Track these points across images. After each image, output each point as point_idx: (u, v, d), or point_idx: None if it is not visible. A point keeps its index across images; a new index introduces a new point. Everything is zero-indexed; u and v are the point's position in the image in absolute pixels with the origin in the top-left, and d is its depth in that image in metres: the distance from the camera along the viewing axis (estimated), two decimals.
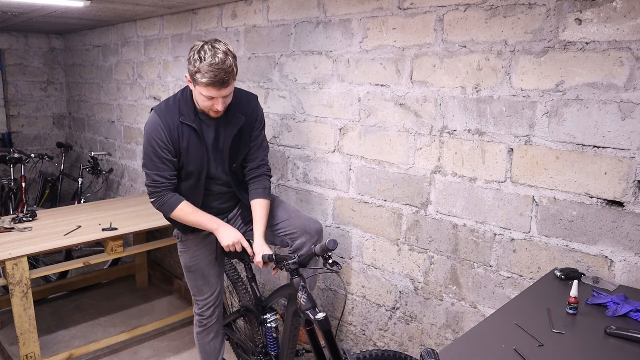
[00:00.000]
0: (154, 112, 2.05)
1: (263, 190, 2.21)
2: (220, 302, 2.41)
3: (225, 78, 1.88)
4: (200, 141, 2.06)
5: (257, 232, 2.14)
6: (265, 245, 2.10)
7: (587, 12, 1.63)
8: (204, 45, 1.88)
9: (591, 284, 1.64)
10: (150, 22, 3.82)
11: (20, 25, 4.54)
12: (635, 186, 1.60)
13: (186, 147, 2.04)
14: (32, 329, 2.55)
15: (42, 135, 5.49)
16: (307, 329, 1.90)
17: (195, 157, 2.07)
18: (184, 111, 2.03)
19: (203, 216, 2.10)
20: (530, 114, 1.81)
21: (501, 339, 1.31)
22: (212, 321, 2.40)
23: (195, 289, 2.34)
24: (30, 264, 2.56)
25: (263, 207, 2.18)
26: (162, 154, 2.01)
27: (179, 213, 2.08)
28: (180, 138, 2.02)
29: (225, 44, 1.93)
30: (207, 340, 2.44)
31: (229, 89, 1.94)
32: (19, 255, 2.48)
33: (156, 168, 2.03)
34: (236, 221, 2.34)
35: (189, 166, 2.08)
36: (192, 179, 2.12)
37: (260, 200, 2.19)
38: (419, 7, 2.09)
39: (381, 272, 2.45)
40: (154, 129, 2.01)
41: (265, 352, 2.40)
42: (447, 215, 2.13)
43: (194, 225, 2.12)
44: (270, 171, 2.29)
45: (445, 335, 2.22)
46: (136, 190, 4.36)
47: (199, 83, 1.89)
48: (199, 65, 1.86)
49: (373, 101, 2.33)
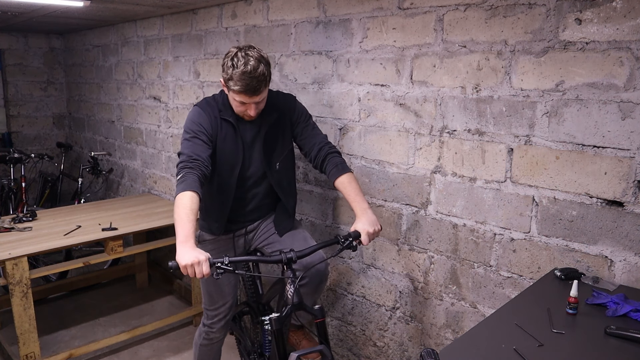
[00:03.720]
0: (196, 105, 2.09)
1: (336, 168, 2.09)
2: (230, 316, 2.34)
3: (257, 86, 1.89)
4: (236, 136, 2.06)
5: (358, 208, 1.99)
6: (369, 222, 1.93)
7: (587, 12, 1.63)
8: (237, 52, 1.89)
9: (591, 284, 1.64)
10: (150, 22, 3.82)
11: (20, 25, 4.54)
12: (635, 186, 1.60)
13: (223, 139, 2.05)
14: (32, 329, 2.55)
15: (42, 135, 5.49)
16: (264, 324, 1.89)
17: (231, 151, 2.07)
18: (222, 108, 2.07)
19: (186, 219, 1.76)
20: (530, 114, 1.81)
21: (501, 339, 1.31)
22: (218, 338, 2.36)
23: (207, 297, 2.28)
24: (30, 264, 2.56)
25: (348, 182, 2.05)
26: (201, 136, 1.99)
27: (178, 198, 1.83)
28: (219, 130, 2.04)
29: (259, 51, 1.92)
30: (209, 354, 2.41)
31: (261, 95, 1.95)
32: (19, 255, 2.48)
33: (194, 147, 1.96)
34: (264, 229, 2.27)
35: (223, 159, 2.07)
36: (225, 174, 2.09)
37: (340, 177, 2.06)
38: (419, 7, 2.09)
39: (381, 272, 2.45)
40: (197, 115, 2.03)
41: (261, 352, 2.39)
42: (447, 215, 2.13)
43: (174, 220, 1.81)
44: (334, 148, 2.17)
45: (445, 335, 2.22)
46: (136, 190, 4.36)
47: (231, 90, 1.93)
48: (231, 73, 1.87)
49: (373, 101, 2.33)
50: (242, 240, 2.28)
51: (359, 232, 1.91)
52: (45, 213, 3.27)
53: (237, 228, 2.25)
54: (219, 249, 2.23)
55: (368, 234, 1.91)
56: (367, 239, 1.91)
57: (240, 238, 2.27)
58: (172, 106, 3.72)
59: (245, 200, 2.19)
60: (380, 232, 1.97)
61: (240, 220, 2.23)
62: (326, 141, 2.19)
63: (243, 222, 2.25)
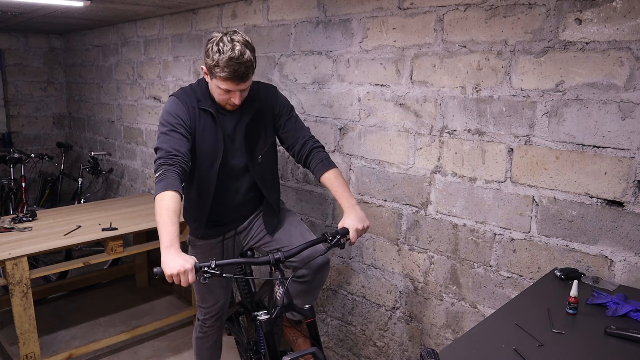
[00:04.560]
0: (172, 96, 2.00)
1: (322, 163, 2.03)
2: (223, 314, 2.33)
3: (245, 72, 1.81)
4: (216, 126, 1.98)
5: (345, 204, 1.94)
6: (357, 219, 1.89)
7: (587, 12, 1.63)
8: (222, 37, 1.81)
9: (591, 284, 1.64)
10: (150, 22, 3.82)
11: (20, 25, 4.54)
12: (635, 186, 1.60)
13: (202, 130, 1.96)
14: (32, 329, 2.55)
15: (42, 135, 5.49)
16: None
17: (210, 142, 1.98)
18: (200, 97, 1.98)
19: (169, 222, 1.69)
20: (530, 114, 1.81)
21: (501, 339, 1.31)
22: (212, 331, 2.35)
23: (199, 296, 2.28)
24: (30, 264, 2.56)
25: (335, 178, 2.00)
26: (179, 129, 1.89)
27: (159, 198, 1.73)
28: (197, 120, 1.96)
29: (243, 35, 1.84)
30: (205, 347, 2.41)
31: (247, 83, 1.88)
32: (19, 255, 2.48)
33: (172, 141, 1.86)
34: (257, 229, 2.22)
35: (203, 152, 1.98)
36: (204, 167, 2.00)
37: (326, 173, 2.01)
38: (419, 7, 2.09)
39: (381, 272, 2.45)
40: (174, 105, 1.94)
41: (256, 349, 2.39)
42: (447, 215, 2.13)
43: (157, 223, 1.72)
44: (318, 142, 2.12)
45: (445, 335, 2.22)
46: (136, 190, 4.36)
47: (217, 77, 1.83)
48: (217, 59, 1.78)
49: (373, 101, 2.33)
50: (231, 242, 2.22)
51: (347, 228, 1.87)
52: (45, 213, 3.27)
53: (226, 230, 2.19)
54: (208, 252, 2.18)
55: (357, 230, 1.87)
56: (355, 236, 1.87)
57: (229, 240, 2.21)
58: None
59: (227, 195, 2.10)
60: (368, 228, 1.93)
61: (228, 220, 2.17)
62: (310, 135, 2.12)
63: (232, 223, 2.19)
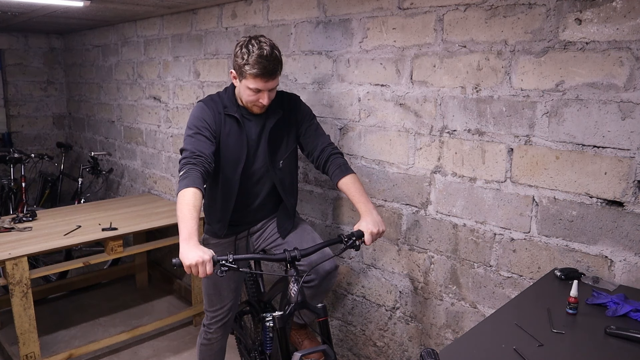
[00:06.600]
0: (200, 102, 2.09)
1: (340, 169, 2.09)
2: (229, 320, 2.32)
3: (273, 69, 1.91)
4: (241, 132, 2.06)
5: (362, 208, 1.98)
6: (373, 222, 1.92)
7: (587, 12, 1.63)
8: (250, 39, 1.92)
9: (591, 284, 1.64)
10: (150, 22, 3.82)
11: (20, 25, 4.54)
12: (635, 186, 1.60)
13: (227, 134, 2.04)
14: (32, 329, 2.55)
15: (42, 135, 5.49)
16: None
17: (235, 147, 2.06)
18: (227, 104, 2.07)
19: (189, 216, 1.75)
20: (530, 114, 1.81)
21: (501, 339, 1.31)
22: (216, 339, 2.34)
23: (206, 298, 2.28)
24: (30, 264, 2.56)
25: (352, 183, 2.05)
26: (204, 132, 1.98)
27: (181, 194, 1.81)
28: (222, 125, 2.04)
29: (268, 39, 1.96)
30: (209, 354, 2.40)
31: (275, 81, 1.96)
32: (19, 255, 2.48)
33: (197, 143, 1.94)
34: (270, 231, 2.26)
35: (227, 155, 2.05)
36: (228, 170, 2.07)
37: (344, 179, 2.07)
38: (419, 7, 2.09)
39: (381, 272, 2.45)
40: (200, 110, 2.03)
41: (262, 350, 2.39)
42: (447, 215, 2.13)
43: (177, 217, 1.80)
44: (337, 149, 2.18)
45: (445, 335, 2.22)
46: (136, 190, 4.36)
47: (247, 76, 1.91)
48: (247, 58, 1.88)
49: (373, 101, 2.33)
50: (244, 242, 2.28)
51: (363, 231, 1.91)
52: (45, 213, 3.27)
53: (240, 230, 2.24)
54: (222, 251, 2.19)
55: (372, 234, 1.90)
56: (370, 239, 1.91)
57: (242, 240, 2.27)
58: (172, 106, 3.72)
59: (248, 198, 2.18)
60: (384, 232, 1.97)
61: (243, 221, 2.22)
62: (329, 142, 2.19)
63: (247, 224, 2.24)
